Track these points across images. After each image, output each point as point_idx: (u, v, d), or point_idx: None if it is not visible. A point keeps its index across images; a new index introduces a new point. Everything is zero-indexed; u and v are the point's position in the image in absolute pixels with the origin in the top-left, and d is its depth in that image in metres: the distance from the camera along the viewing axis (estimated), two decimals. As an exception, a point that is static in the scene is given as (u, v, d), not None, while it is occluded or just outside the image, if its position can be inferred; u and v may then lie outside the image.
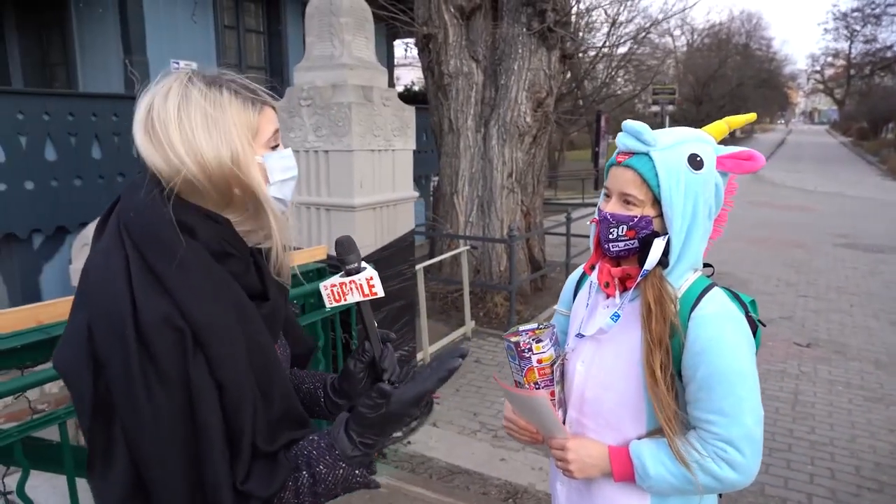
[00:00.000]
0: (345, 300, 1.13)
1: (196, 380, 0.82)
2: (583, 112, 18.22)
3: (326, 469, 0.91)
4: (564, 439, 1.33)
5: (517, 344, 1.35)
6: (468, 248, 6.02)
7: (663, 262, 1.23)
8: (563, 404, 1.40)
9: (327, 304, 1.15)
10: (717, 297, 1.24)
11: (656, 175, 1.21)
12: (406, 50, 11.98)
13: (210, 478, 0.83)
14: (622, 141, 1.25)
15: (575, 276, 1.51)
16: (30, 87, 5.93)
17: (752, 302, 1.41)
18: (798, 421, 4.22)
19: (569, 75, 16.23)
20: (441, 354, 0.98)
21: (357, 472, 0.93)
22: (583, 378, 1.35)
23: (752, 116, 1.41)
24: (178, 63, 6.24)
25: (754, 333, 1.36)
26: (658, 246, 1.21)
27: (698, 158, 1.22)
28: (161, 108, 0.91)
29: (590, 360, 1.35)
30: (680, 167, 1.21)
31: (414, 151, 3.97)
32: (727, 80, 33.84)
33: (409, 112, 3.95)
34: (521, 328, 1.43)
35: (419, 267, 5.17)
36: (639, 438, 1.28)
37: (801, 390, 4.71)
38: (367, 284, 1.12)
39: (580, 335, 1.36)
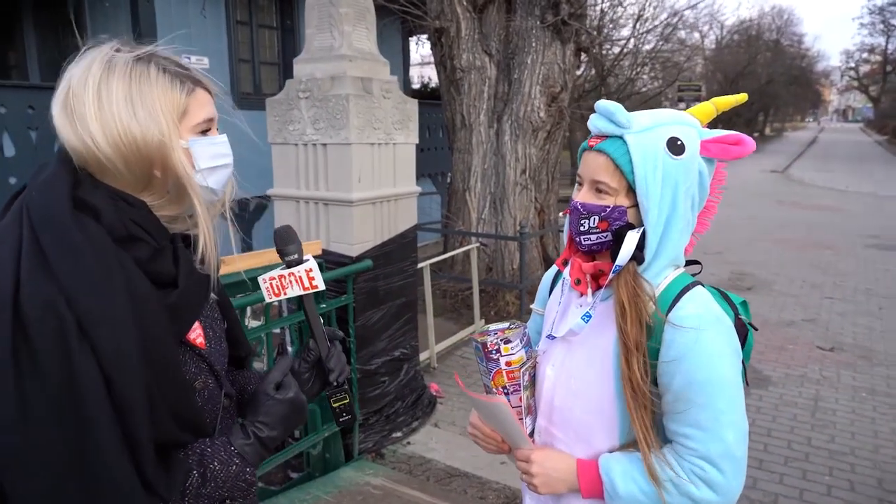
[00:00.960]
0: (285, 294, 1.06)
1: (81, 372, 0.75)
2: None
3: (220, 465, 0.87)
4: (529, 450, 1.22)
5: (484, 344, 1.25)
6: (478, 245, 5.91)
7: (638, 257, 1.11)
8: (532, 411, 1.29)
9: (266, 298, 1.07)
10: (697, 297, 1.11)
11: (630, 160, 1.09)
12: (418, 44, 11.88)
13: (108, 478, 0.75)
14: (594, 123, 1.14)
15: (551, 271, 1.40)
16: (46, 82, 5.98)
17: (744, 303, 1.29)
18: (817, 429, 4.02)
19: (592, 72, 16.02)
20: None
21: (248, 469, 0.89)
22: (552, 383, 1.24)
23: (742, 97, 1.27)
24: (189, 59, 6.23)
25: (745, 338, 1.23)
26: (631, 239, 1.09)
27: (679, 142, 1.10)
28: (80, 82, 0.85)
29: (560, 363, 1.23)
30: (657, 152, 1.09)
31: (431, 148, 3.88)
32: (756, 77, 33.10)
33: (412, 105, 3.86)
34: (491, 328, 1.32)
35: (426, 264, 5.08)
36: (611, 452, 1.16)
37: (822, 396, 4.50)
38: (306, 277, 1.05)
39: (551, 336, 1.25)
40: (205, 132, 0.95)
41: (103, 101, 0.84)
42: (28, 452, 0.73)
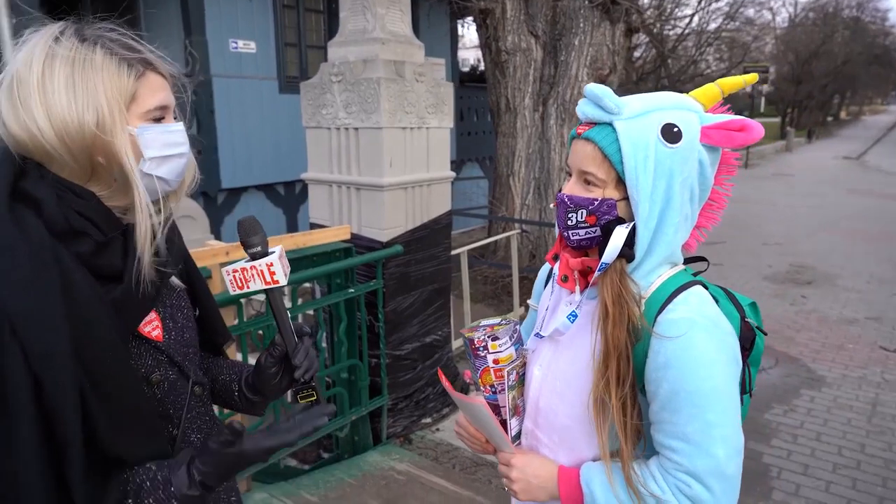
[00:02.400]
0: (247, 287, 1.02)
1: (9, 374, 0.73)
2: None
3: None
4: (510, 455, 1.16)
5: (472, 340, 1.19)
6: (518, 231, 5.81)
7: (629, 254, 1.03)
8: (520, 413, 1.23)
9: (230, 291, 1.04)
10: (691, 298, 1.02)
11: (619, 149, 1.00)
12: (463, 26, 11.68)
13: (21, 482, 0.73)
14: (581, 109, 1.05)
15: (547, 266, 1.32)
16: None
17: (752, 304, 1.18)
18: (873, 435, 3.77)
19: (653, 52, 15.44)
20: (312, 410, 0.93)
21: None
22: (538, 384, 1.17)
23: (751, 77, 1.15)
24: (236, 43, 6.34)
25: (752, 343, 1.13)
26: (619, 235, 1.01)
27: (675, 129, 1.00)
28: (25, 67, 0.82)
29: (547, 364, 1.16)
30: (649, 140, 0.99)
31: (479, 132, 3.80)
32: (832, 56, 31.14)
33: (447, 88, 3.78)
34: (482, 323, 1.27)
35: (463, 250, 5.03)
36: (595, 460, 1.09)
37: (882, 401, 4.22)
38: (267, 271, 1.00)
39: (538, 335, 1.18)
40: (158, 119, 0.90)
41: (46, 87, 0.81)
42: None
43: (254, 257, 1.01)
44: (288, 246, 3.08)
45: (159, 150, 0.89)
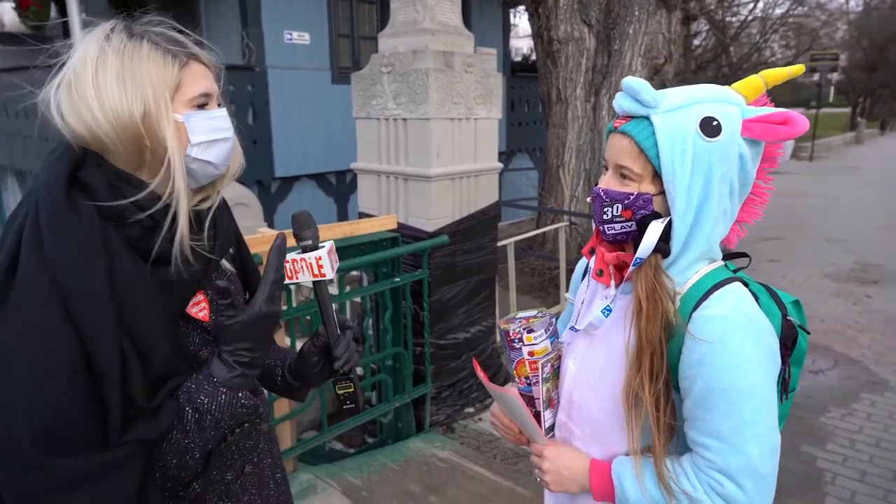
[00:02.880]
0: (296, 278, 1.06)
1: (64, 347, 0.80)
2: (726, 83, 16.62)
3: (208, 398, 0.89)
4: (543, 446, 1.17)
5: (507, 332, 1.21)
6: (567, 224, 5.75)
7: (664, 249, 1.02)
8: (554, 405, 1.24)
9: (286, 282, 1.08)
10: (729, 295, 1.00)
11: (656, 143, 0.99)
12: (515, 16, 11.55)
13: (79, 441, 0.80)
14: (618, 102, 1.04)
15: (585, 260, 1.32)
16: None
17: (795, 302, 1.15)
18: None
19: (713, 40, 14.91)
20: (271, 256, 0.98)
21: (240, 394, 0.90)
22: (572, 377, 1.17)
23: (798, 68, 1.11)
24: (291, 34, 6.48)
25: (793, 342, 1.10)
26: (654, 230, 1.00)
27: (714, 122, 0.98)
28: (79, 64, 0.89)
29: (581, 357, 1.16)
30: (687, 133, 0.98)
31: (530, 122, 3.79)
32: (911, 42, 29.33)
33: (496, 79, 3.77)
34: (519, 315, 1.28)
35: (510, 241, 5.02)
36: (628, 454, 1.09)
37: (950, 407, 4.00)
38: (315, 264, 1.04)
39: (573, 328, 1.18)
40: (202, 106, 0.95)
41: (99, 81, 0.87)
42: (11, 413, 0.80)
43: (304, 250, 1.05)
44: (336, 235, 3.15)
45: (205, 135, 0.94)
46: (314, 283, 1.07)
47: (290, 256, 1.06)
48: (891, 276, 6.88)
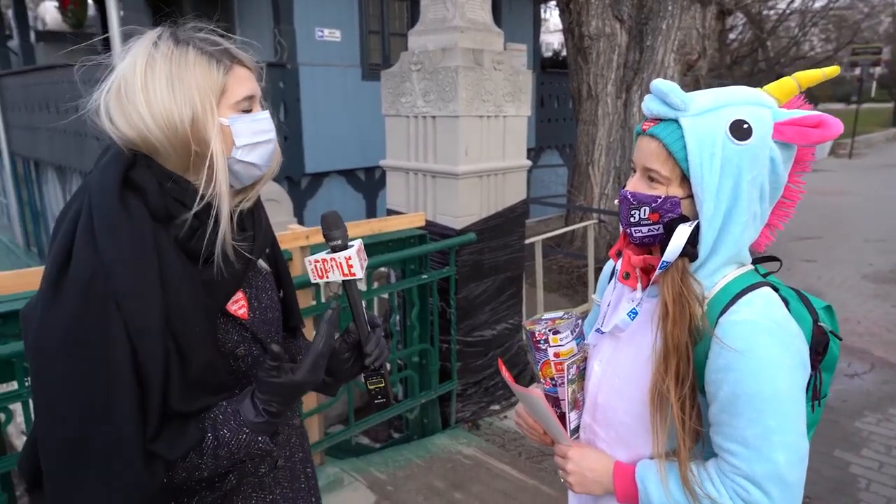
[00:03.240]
0: (327, 277, 1.08)
1: (113, 341, 0.83)
2: (762, 77, 16.23)
3: (230, 433, 0.91)
4: (567, 447, 1.17)
5: (533, 333, 1.21)
6: (596, 221, 5.70)
7: (692, 253, 1.01)
8: (579, 406, 1.24)
9: (311, 279, 1.11)
10: (756, 299, 0.99)
11: (685, 146, 0.98)
12: (546, 11, 11.45)
13: (111, 438, 0.84)
14: (646, 105, 1.03)
15: (612, 262, 1.31)
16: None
17: (827, 308, 1.13)
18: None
19: (749, 34, 14.57)
20: (324, 315, 0.99)
21: (260, 438, 0.93)
22: (598, 380, 1.17)
23: (833, 70, 1.08)
24: (322, 31, 6.53)
25: (825, 348, 1.08)
26: (681, 234, 0.99)
27: (745, 125, 0.97)
28: (128, 70, 0.92)
29: (607, 360, 1.16)
30: (716, 137, 0.97)
31: (560, 119, 3.77)
32: (960, 35, 28.22)
33: (525, 76, 3.76)
34: (545, 316, 1.28)
35: (538, 238, 5.00)
36: (652, 458, 1.09)
37: None
38: (345, 264, 1.06)
39: (599, 330, 1.18)
40: (247, 110, 0.98)
41: (149, 87, 0.90)
42: (66, 401, 0.84)
43: (334, 249, 1.07)
44: (365, 231, 3.18)
45: (250, 138, 0.97)
46: (344, 282, 1.08)
47: (319, 256, 1.08)
48: (932, 278, 6.66)
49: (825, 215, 9.75)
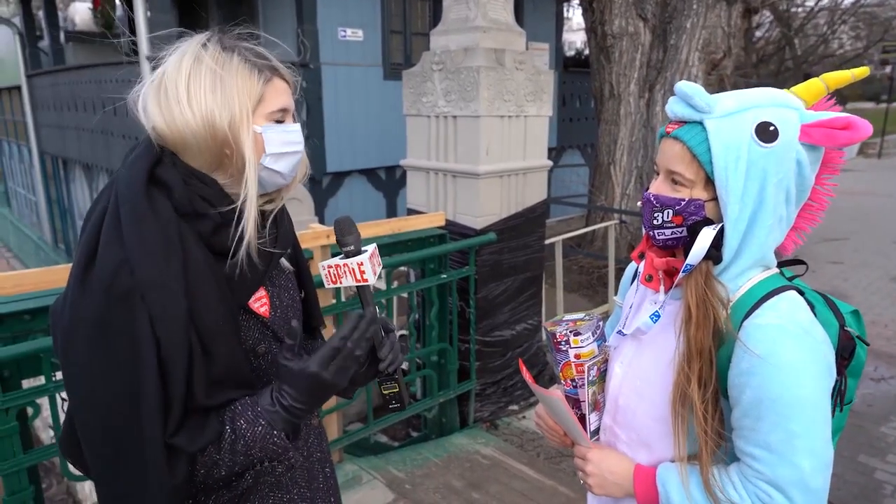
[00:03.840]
0: (340, 282, 1.09)
1: (139, 332, 0.85)
2: (789, 76, 15.93)
3: (246, 424, 0.93)
4: (587, 449, 1.17)
5: (554, 335, 1.21)
6: (617, 222, 5.66)
7: (716, 256, 1.00)
8: (599, 408, 1.23)
9: (325, 285, 1.12)
10: (782, 304, 0.97)
11: (709, 149, 0.97)
12: (569, 10, 11.37)
13: (141, 430, 0.86)
14: (670, 107, 1.03)
15: (635, 264, 1.31)
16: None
17: (854, 312, 1.11)
18: None
19: (776, 32, 14.32)
20: (350, 316, 0.99)
21: (275, 432, 0.94)
22: (619, 382, 1.17)
23: (862, 71, 1.06)
24: (345, 31, 6.57)
25: (852, 353, 1.07)
26: (705, 236, 0.98)
27: (771, 128, 0.96)
28: (174, 69, 0.95)
29: (628, 362, 1.16)
30: (742, 139, 0.96)
31: (581, 118, 3.75)
32: None
33: (546, 76, 3.75)
34: (566, 317, 1.28)
35: (558, 238, 4.98)
36: (673, 461, 1.08)
37: None
38: (357, 270, 1.07)
39: (620, 332, 1.18)
40: (280, 121, 1.01)
41: (192, 86, 0.93)
42: (97, 394, 0.86)
43: (347, 255, 1.08)
44: (384, 231, 3.20)
45: (279, 148, 1.00)
46: (357, 287, 1.09)
47: (332, 262, 1.09)
48: (964, 282, 6.50)
49: (853, 216, 9.55)
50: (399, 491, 2.88)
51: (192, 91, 0.92)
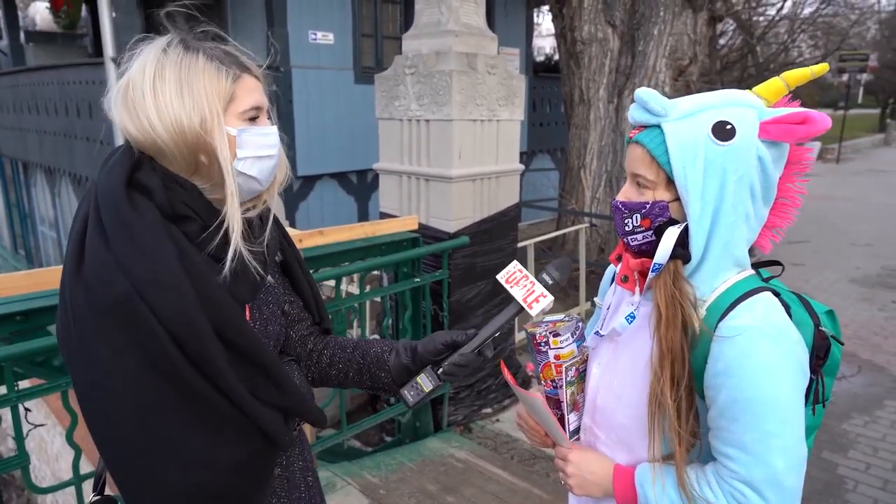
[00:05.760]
0: (510, 286, 1.15)
1: (147, 330, 0.84)
2: (752, 83, 16.31)
3: None
4: (568, 450, 1.18)
5: (533, 336, 1.22)
6: (587, 225, 5.72)
7: (683, 255, 1.02)
8: (579, 408, 1.25)
9: (499, 276, 1.16)
10: (757, 305, 0.99)
11: (667, 151, 0.99)
12: (538, 15, 11.51)
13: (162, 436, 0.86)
14: (631, 114, 1.05)
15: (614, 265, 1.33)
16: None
17: (829, 312, 1.14)
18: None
19: (739, 40, 14.68)
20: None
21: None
22: (597, 382, 1.18)
23: (821, 68, 1.09)
24: (315, 34, 6.53)
25: (827, 352, 1.09)
26: (669, 236, 1.00)
27: (728, 126, 0.98)
28: (138, 74, 0.92)
29: (605, 363, 1.17)
30: (698, 139, 0.98)
31: (551, 123, 3.79)
32: (944, 42, 28.60)
33: (518, 80, 3.78)
34: (546, 319, 1.29)
35: (530, 242, 5.02)
36: (652, 461, 1.09)
37: (978, 417, 3.91)
38: (533, 297, 1.12)
39: (598, 333, 1.19)
40: (253, 119, 0.98)
41: (158, 90, 0.90)
42: (127, 401, 0.85)
43: (542, 283, 1.13)
44: (358, 235, 3.19)
45: (254, 151, 0.97)
46: (512, 302, 1.14)
47: (527, 272, 1.14)
48: (918, 282, 6.74)
49: (813, 219, 9.85)
50: (374, 496, 2.87)
51: (159, 96, 0.90)
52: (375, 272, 3.90)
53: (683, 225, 1.01)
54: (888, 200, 12.10)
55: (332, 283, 2.95)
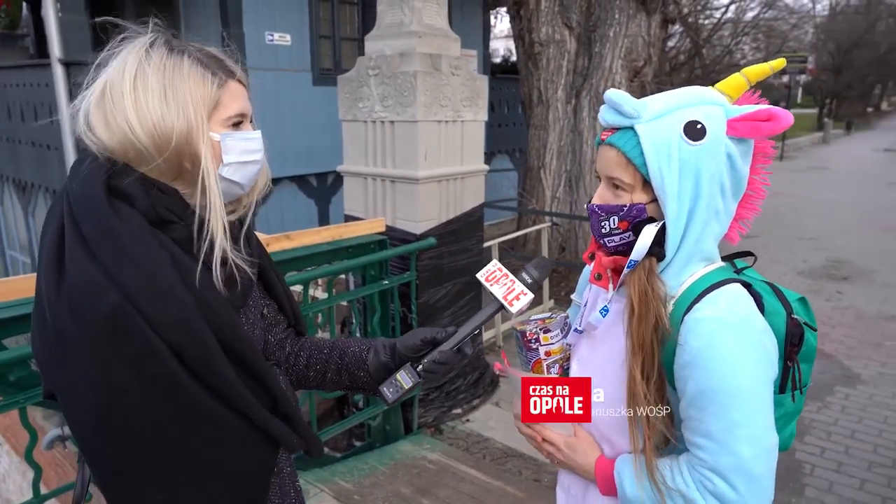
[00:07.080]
0: (489, 284, 1.14)
1: (143, 342, 0.80)
2: (699, 84, 16.83)
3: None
4: (560, 436, 1.19)
5: (523, 333, 1.23)
6: (549, 224, 5.80)
7: (658, 253, 1.04)
8: (563, 403, 1.26)
9: (478, 275, 1.15)
10: (721, 297, 1.02)
11: (642, 153, 1.01)
12: (496, 17, 11.64)
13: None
14: (602, 116, 1.06)
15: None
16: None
17: (802, 299, 1.18)
18: (910, 434, 3.71)
19: (687, 42, 15.15)
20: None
21: None
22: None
23: (779, 63, 1.13)
24: (272, 35, 6.42)
25: (800, 339, 1.13)
26: (647, 234, 1.02)
27: (699, 126, 1.01)
28: (118, 76, 0.87)
29: (584, 359, 1.19)
30: (671, 140, 1.00)
31: (510, 124, 3.82)
32: (874, 47, 30.14)
33: (482, 81, 3.80)
34: (533, 317, 1.30)
35: (494, 242, 5.06)
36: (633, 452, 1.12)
37: (920, 400, 4.14)
38: (513, 294, 1.12)
39: (577, 330, 1.21)
40: (237, 125, 0.95)
41: (139, 93, 0.86)
42: (134, 414, 0.81)
43: (522, 281, 1.13)
44: (325, 238, 3.15)
45: (238, 157, 0.94)
46: (493, 300, 1.12)
47: (507, 271, 1.13)
48: (860, 272, 7.08)
49: (761, 215, 10.13)
50: (348, 502, 2.84)
51: (140, 100, 0.85)
52: (342, 276, 3.87)
53: (661, 223, 1.03)
54: (830, 196, 12.66)
55: (299, 288, 2.91)
